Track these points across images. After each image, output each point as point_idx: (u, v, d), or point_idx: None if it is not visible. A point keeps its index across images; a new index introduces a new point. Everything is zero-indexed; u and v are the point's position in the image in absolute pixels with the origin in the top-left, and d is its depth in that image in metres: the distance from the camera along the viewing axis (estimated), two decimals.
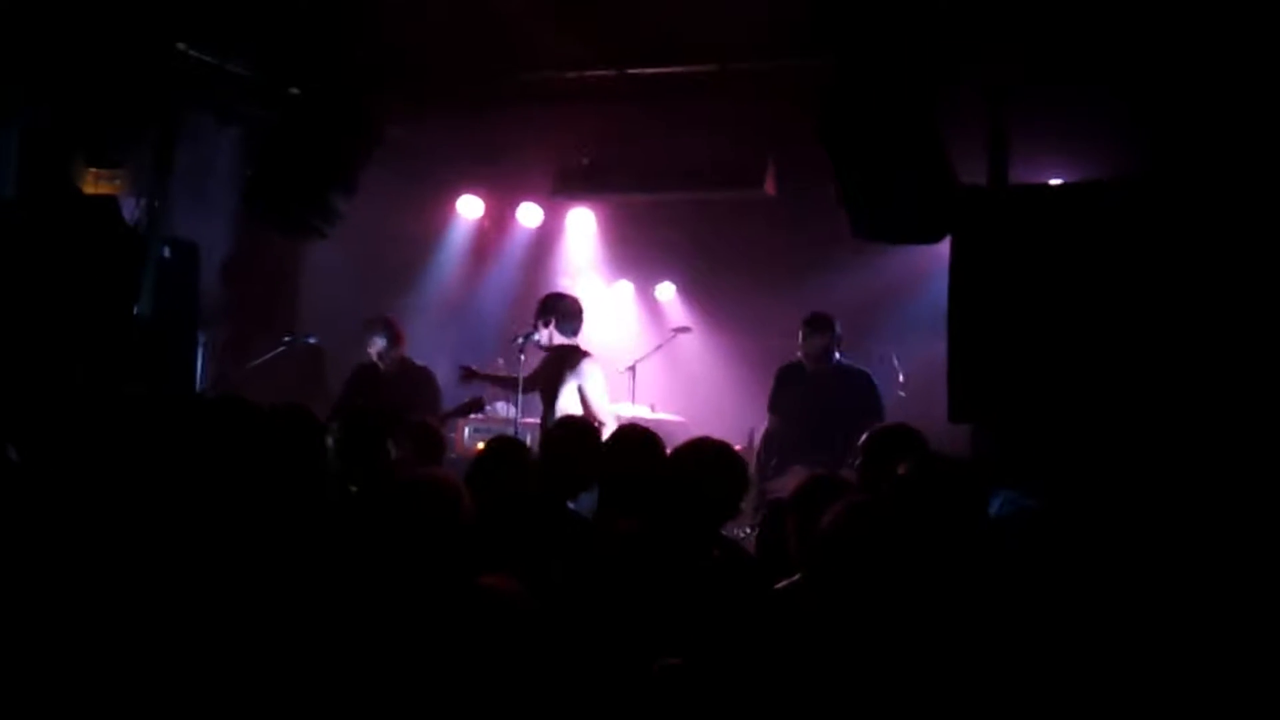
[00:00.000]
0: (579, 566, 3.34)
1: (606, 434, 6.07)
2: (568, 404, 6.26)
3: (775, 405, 6.82)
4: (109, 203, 6.40)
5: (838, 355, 6.58)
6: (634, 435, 4.16)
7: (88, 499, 3.15)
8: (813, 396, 6.49)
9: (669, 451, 3.82)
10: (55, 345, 5.73)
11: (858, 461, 4.14)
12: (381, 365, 6.82)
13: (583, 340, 6.58)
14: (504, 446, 4.39)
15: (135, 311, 6.22)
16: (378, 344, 6.80)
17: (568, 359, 6.35)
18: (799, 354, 6.73)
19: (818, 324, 6.56)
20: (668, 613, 2.96)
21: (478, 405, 6.66)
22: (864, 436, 4.15)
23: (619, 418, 6.63)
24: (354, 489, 3.73)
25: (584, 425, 4.46)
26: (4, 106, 6.13)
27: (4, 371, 5.37)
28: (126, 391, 4.98)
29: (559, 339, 6.39)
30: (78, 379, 5.58)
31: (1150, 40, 5.08)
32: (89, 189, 6.51)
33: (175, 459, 3.30)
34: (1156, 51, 5.10)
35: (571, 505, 4.03)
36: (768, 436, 6.73)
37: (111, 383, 5.72)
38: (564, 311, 6.43)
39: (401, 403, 6.18)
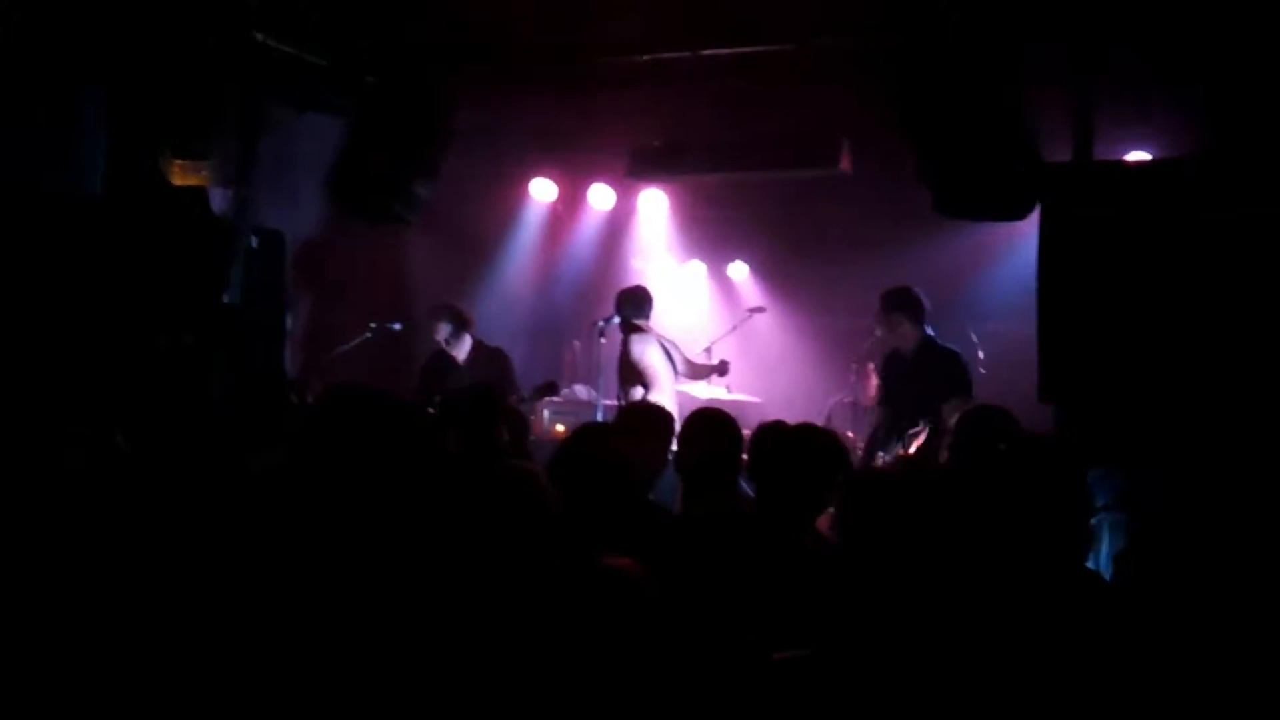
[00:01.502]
0: (670, 557, 3.34)
1: (657, 398, 6.27)
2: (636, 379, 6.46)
3: (880, 397, 6.67)
4: (197, 194, 6.55)
5: (929, 331, 6.24)
6: (710, 418, 4.08)
7: (197, 489, 3.24)
8: (902, 380, 6.27)
9: (754, 433, 3.84)
10: (149, 337, 5.88)
11: (949, 442, 4.13)
12: (451, 352, 6.89)
13: (655, 322, 6.69)
14: (587, 434, 4.40)
15: (225, 300, 6.39)
16: (443, 331, 6.85)
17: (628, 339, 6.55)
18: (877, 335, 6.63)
19: (889, 304, 6.31)
20: (764, 600, 2.98)
21: (552, 388, 6.72)
22: (956, 417, 4.14)
23: (699, 399, 6.70)
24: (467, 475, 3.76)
25: (654, 408, 4.44)
26: (92, 101, 6.29)
27: (106, 364, 5.52)
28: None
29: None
30: (177, 368, 5.73)
31: (1231, 16, 4.96)
32: (177, 181, 6.65)
33: (292, 448, 3.37)
34: (1237, 28, 4.98)
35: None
36: (873, 433, 6.51)
37: (207, 370, 5.87)
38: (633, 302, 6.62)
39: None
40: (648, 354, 6.72)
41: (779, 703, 2.14)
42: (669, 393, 6.66)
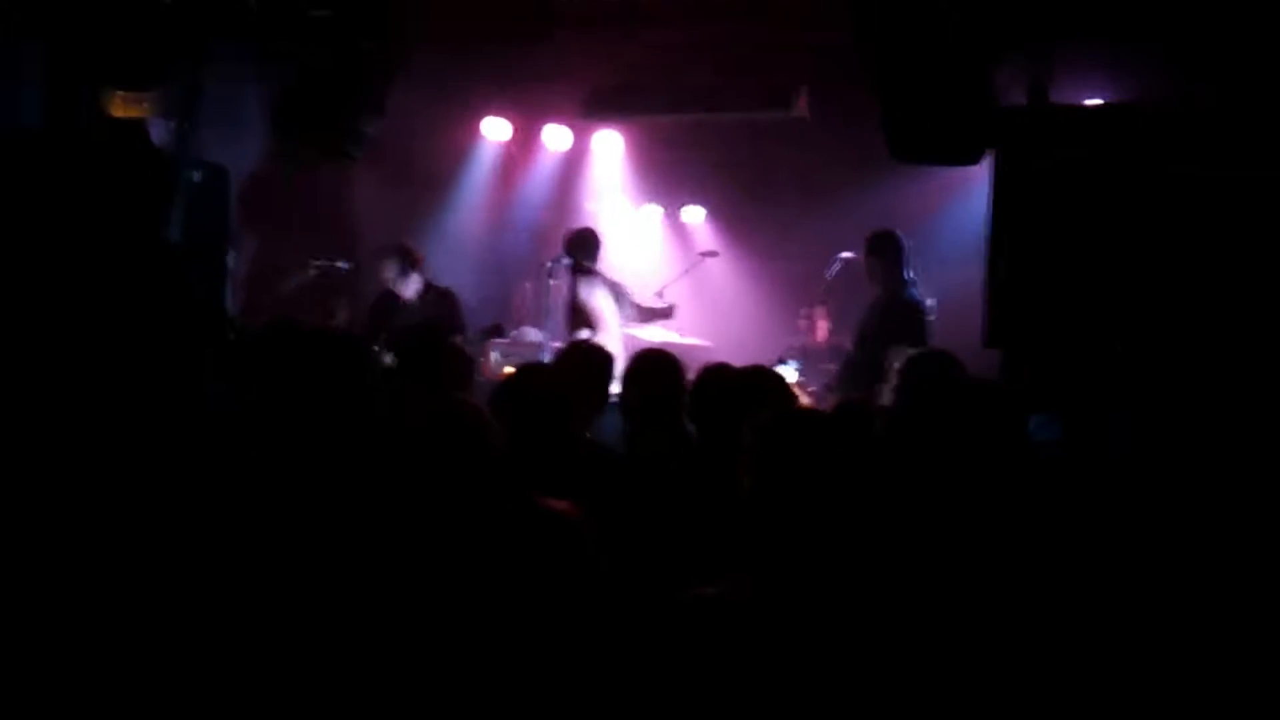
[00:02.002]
0: (609, 497, 3.31)
1: (603, 341, 6.26)
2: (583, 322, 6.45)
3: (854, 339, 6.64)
4: (137, 126, 6.38)
5: (907, 276, 6.22)
6: (654, 358, 4.05)
7: (117, 421, 3.17)
8: (862, 324, 6.33)
9: (699, 373, 3.82)
10: (84, 270, 5.74)
11: (894, 384, 4.14)
12: (399, 292, 6.81)
13: (605, 265, 6.65)
14: (527, 373, 4.35)
15: (165, 235, 6.24)
16: (390, 270, 6.76)
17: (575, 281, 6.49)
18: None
19: (867, 245, 6.36)
20: (701, 541, 2.97)
21: (498, 330, 6.66)
22: (900, 361, 4.14)
23: (648, 342, 6.67)
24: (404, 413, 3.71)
25: (593, 348, 4.40)
26: (27, 26, 6.08)
27: (32, 298, 5.39)
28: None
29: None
30: (109, 304, 5.60)
31: None
32: (117, 112, 6.47)
33: (227, 382, 3.31)
34: None
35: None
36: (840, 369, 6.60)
37: (142, 308, 5.75)
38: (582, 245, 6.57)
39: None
40: (595, 296, 6.71)
41: (696, 640, 2.13)
42: (615, 335, 6.65)
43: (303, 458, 2.95)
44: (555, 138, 8.86)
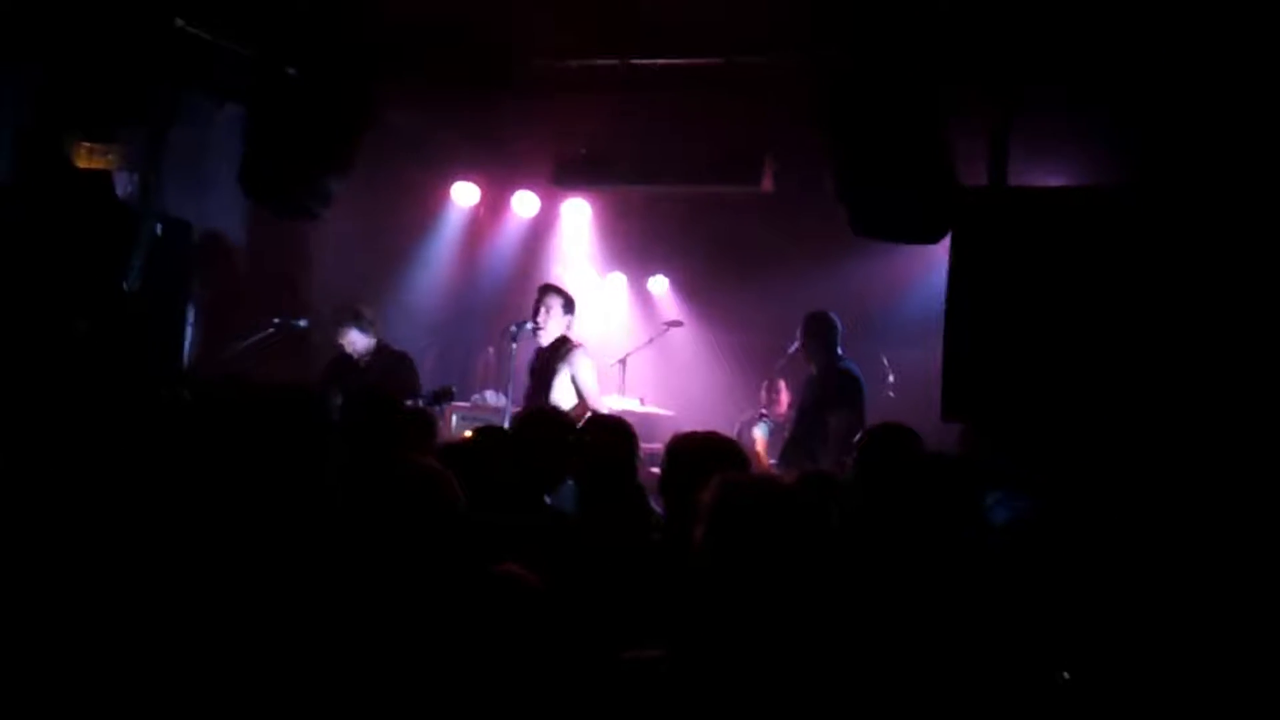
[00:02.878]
0: (559, 561, 3.27)
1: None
2: (561, 395, 6.30)
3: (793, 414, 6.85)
4: (101, 177, 6.35)
5: (839, 352, 6.47)
6: (606, 425, 4.08)
7: (71, 480, 3.10)
8: (802, 399, 6.58)
9: (668, 443, 3.80)
10: (45, 319, 5.67)
11: (851, 458, 4.13)
12: (352, 353, 6.74)
13: (573, 332, 6.59)
14: (490, 437, 4.31)
15: (125, 287, 6.19)
16: (346, 333, 6.69)
17: (558, 350, 6.38)
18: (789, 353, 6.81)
19: (802, 327, 6.60)
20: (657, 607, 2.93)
21: (448, 394, 6.53)
22: (860, 435, 4.14)
23: (610, 410, 6.63)
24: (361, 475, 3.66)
25: (556, 415, 4.37)
26: (4, 83, 6.08)
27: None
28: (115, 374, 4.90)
29: (560, 326, 6.47)
30: (66, 353, 5.53)
31: (1150, 48, 5.08)
32: (82, 163, 6.45)
33: (171, 442, 3.24)
34: (1156, 60, 5.10)
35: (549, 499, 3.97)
36: (785, 444, 6.68)
37: (100, 357, 5.67)
38: (568, 299, 6.51)
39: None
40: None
41: (633, 702, 2.09)
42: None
43: (255, 516, 2.90)
44: (524, 204, 8.91)
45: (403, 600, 2.33)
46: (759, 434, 6.53)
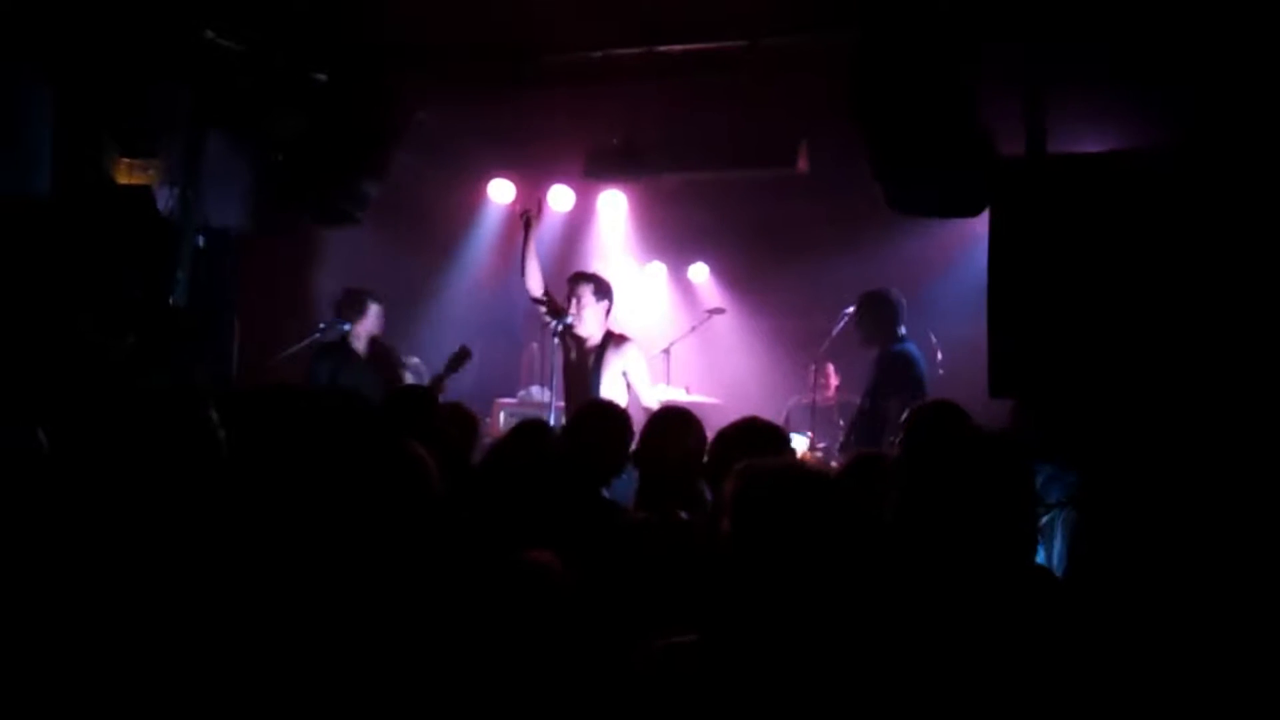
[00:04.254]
0: (614, 554, 3.26)
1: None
2: (611, 390, 6.25)
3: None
4: (143, 193, 6.44)
5: (900, 332, 6.35)
6: (672, 416, 4.02)
7: (118, 491, 3.13)
8: (866, 380, 6.45)
9: (712, 433, 3.77)
10: (92, 336, 5.76)
11: (899, 439, 4.09)
12: (354, 344, 6.77)
13: (613, 320, 6.56)
14: (527, 430, 4.29)
15: (171, 301, 6.27)
16: (368, 317, 6.73)
17: (606, 344, 6.34)
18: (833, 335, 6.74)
19: (858, 305, 6.49)
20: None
21: (465, 355, 6.44)
22: (906, 413, 4.09)
23: (660, 401, 6.61)
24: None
25: (612, 408, 4.37)
26: (37, 100, 6.16)
27: (41, 361, 5.39)
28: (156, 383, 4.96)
29: (598, 314, 6.37)
30: (114, 370, 5.61)
31: (1190, 9, 4.95)
32: (123, 179, 6.54)
33: (219, 449, 3.27)
34: (1197, 18, 4.97)
35: (607, 492, 3.95)
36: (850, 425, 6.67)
37: (149, 374, 5.75)
38: (600, 283, 6.43)
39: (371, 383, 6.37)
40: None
41: (665, 687, 2.07)
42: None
43: (297, 519, 2.91)
44: (560, 198, 8.90)
45: (429, 589, 2.33)
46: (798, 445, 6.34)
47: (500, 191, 8.82)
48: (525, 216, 6.47)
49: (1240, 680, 2.38)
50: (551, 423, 6.11)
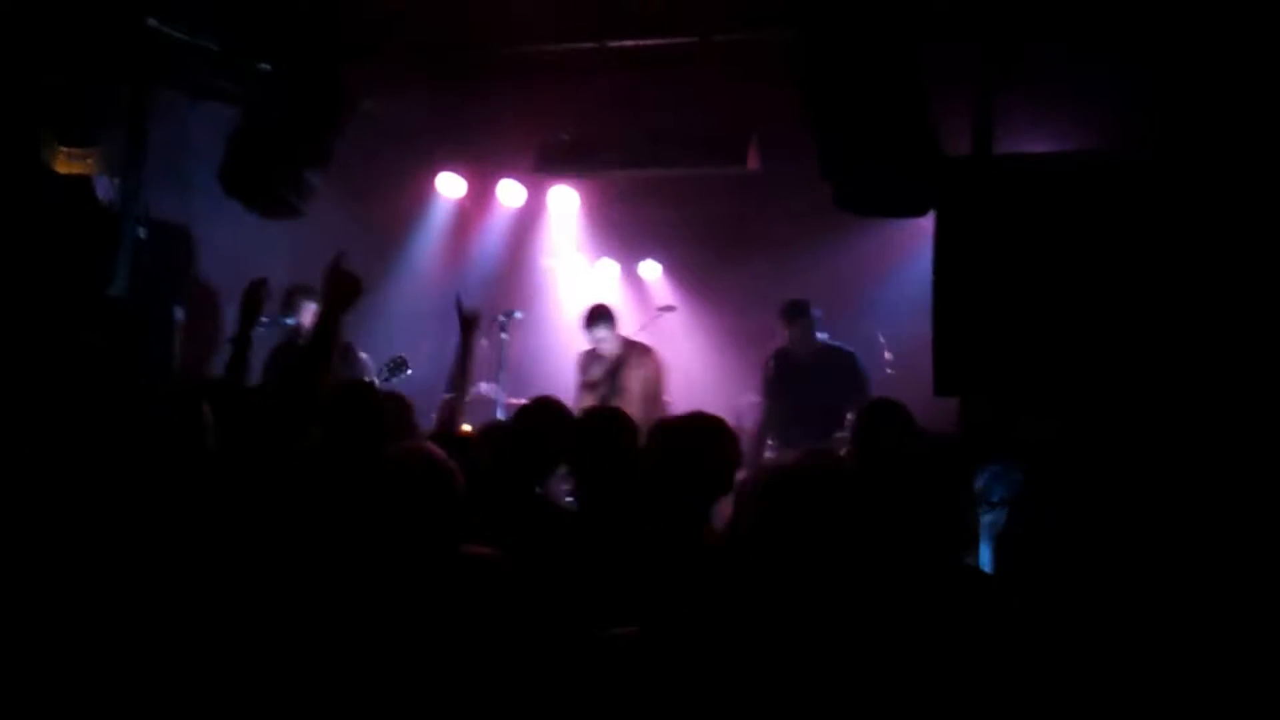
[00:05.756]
0: (550, 549, 3.23)
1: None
2: (632, 398, 6.51)
3: (767, 392, 6.81)
4: (82, 182, 6.30)
5: (824, 336, 6.60)
6: (603, 414, 4.06)
7: (62, 483, 3.07)
8: (801, 380, 6.54)
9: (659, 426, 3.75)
10: (28, 327, 5.63)
11: (847, 437, 4.10)
12: (300, 337, 6.60)
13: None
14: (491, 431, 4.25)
15: (109, 292, 6.15)
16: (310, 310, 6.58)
17: (632, 354, 6.66)
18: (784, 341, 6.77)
19: (791, 313, 6.64)
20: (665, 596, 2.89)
21: (402, 364, 6.46)
22: (852, 413, 4.11)
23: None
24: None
25: (555, 404, 4.34)
26: None
27: None
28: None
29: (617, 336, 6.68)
30: (52, 361, 5.48)
31: (1137, 9, 5.01)
32: (61, 168, 6.40)
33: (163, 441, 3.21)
34: (1142, 22, 5.03)
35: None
36: (762, 425, 6.74)
37: (87, 363, 5.62)
38: (610, 317, 6.74)
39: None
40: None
41: (609, 681, 2.07)
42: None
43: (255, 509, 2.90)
44: (509, 193, 8.83)
45: (373, 583, 2.33)
46: None
47: (449, 185, 8.74)
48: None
49: (1165, 678, 2.40)
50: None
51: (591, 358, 6.82)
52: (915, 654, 2.25)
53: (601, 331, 6.69)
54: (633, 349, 6.71)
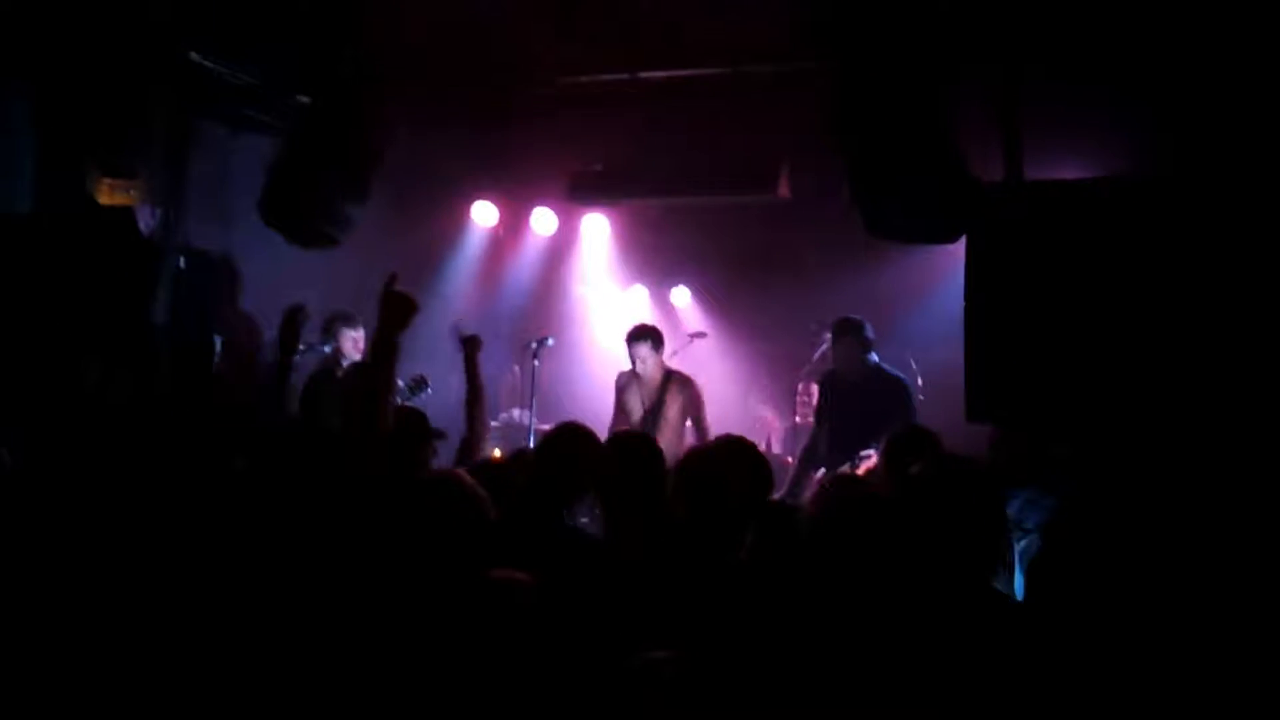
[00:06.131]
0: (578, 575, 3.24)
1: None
2: (672, 427, 6.56)
3: (819, 415, 6.71)
4: (124, 213, 6.42)
5: (874, 358, 6.41)
6: (629, 440, 4.07)
7: (86, 506, 3.12)
8: (847, 403, 6.39)
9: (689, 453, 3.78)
10: (71, 356, 5.73)
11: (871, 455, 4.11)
12: (342, 364, 6.66)
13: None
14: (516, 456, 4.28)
15: (151, 322, 6.24)
16: (352, 337, 6.65)
17: (670, 383, 6.64)
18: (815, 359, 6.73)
19: (840, 329, 6.48)
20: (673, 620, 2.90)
21: (423, 383, 6.54)
22: (882, 440, 4.12)
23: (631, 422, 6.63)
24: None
25: (583, 430, 4.37)
26: (19, 119, 6.16)
27: (17, 378, 5.37)
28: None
29: (658, 360, 6.70)
30: (91, 389, 5.58)
31: (1164, 35, 5.01)
32: (104, 199, 6.52)
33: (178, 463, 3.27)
34: (1172, 46, 5.03)
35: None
36: (809, 448, 6.62)
37: (133, 395, 5.72)
38: (658, 336, 6.72)
39: None
40: None
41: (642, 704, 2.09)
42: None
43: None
44: (543, 221, 8.92)
45: (402, 609, 2.35)
46: None
47: (483, 214, 8.84)
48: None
49: (1193, 707, 2.39)
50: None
51: (630, 378, 6.81)
52: (942, 679, 2.26)
53: (643, 350, 6.69)
54: (673, 379, 6.71)
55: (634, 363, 6.71)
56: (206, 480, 3.41)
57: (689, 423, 6.65)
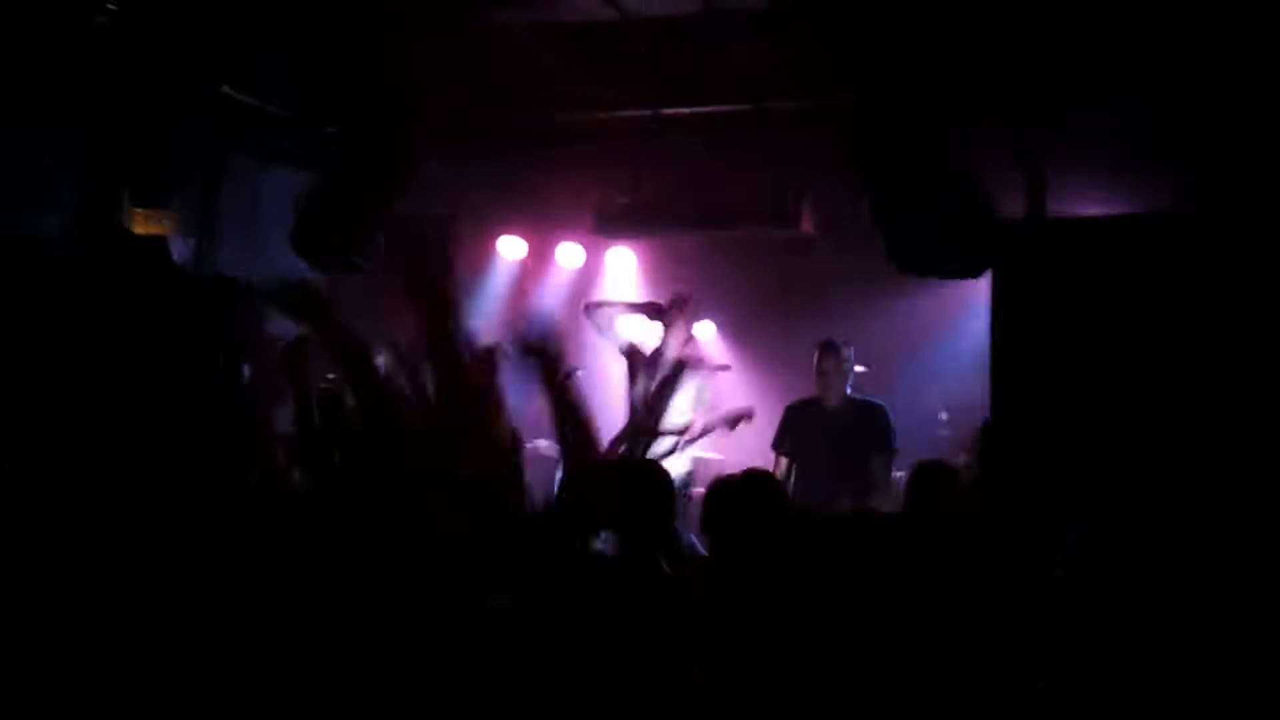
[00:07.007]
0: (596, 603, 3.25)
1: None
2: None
3: (783, 446, 6.66)
4: (158, 243, 6.52)
5: (848, 390, 6.46)
6: (640, 470, 4.07)
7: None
8: (833, 433, 6.39)
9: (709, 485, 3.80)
10: (93, 371, 5.80)
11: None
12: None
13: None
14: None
15: (183, 352, 6.31)
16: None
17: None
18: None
19: (830, 348, 6.55)
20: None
21: None
22: (907, 472, 4.13)
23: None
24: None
25: (604, 462, 4.34)
26: (54, 149, 6.29)
27: (47, 405, 5.44)
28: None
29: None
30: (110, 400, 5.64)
31: (1191, 71, 5.03)
32: (138, 229, 6.63)
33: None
34: (1197, 82, 5.04)
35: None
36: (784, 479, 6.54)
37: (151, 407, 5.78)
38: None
39: None
40: None
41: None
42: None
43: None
44: (568, 255, 8.98)
45: (400, 626, 2.37)
46: None
47: (509, 247, 8.91)
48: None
49: None
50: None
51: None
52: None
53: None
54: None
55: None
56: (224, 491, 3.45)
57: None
